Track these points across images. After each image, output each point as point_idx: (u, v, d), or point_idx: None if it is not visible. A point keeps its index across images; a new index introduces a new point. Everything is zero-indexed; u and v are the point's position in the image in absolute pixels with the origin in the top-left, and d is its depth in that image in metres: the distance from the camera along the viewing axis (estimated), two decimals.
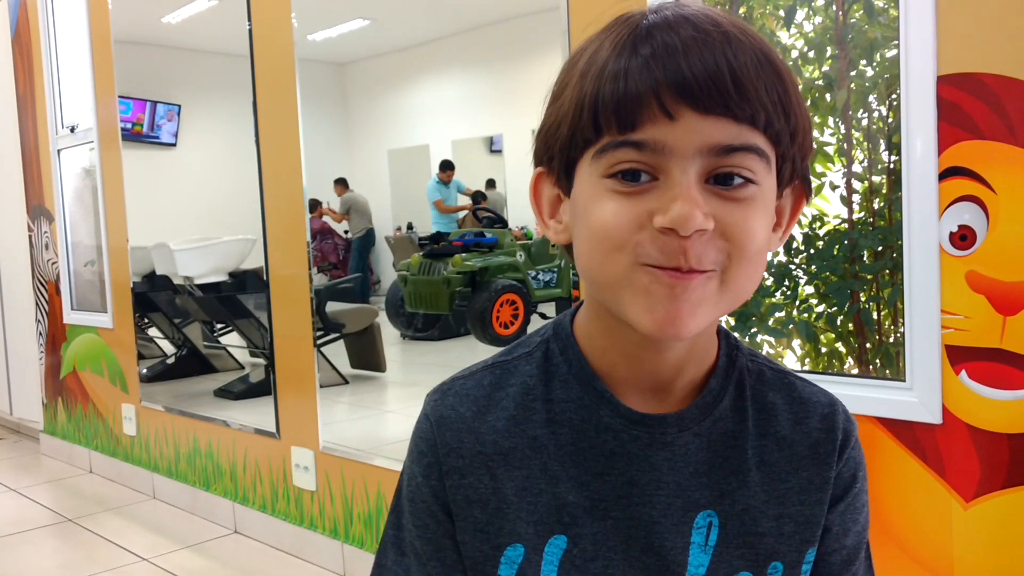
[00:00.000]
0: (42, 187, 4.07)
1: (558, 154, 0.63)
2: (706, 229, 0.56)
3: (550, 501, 0.65)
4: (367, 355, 3.86)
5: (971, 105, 1.33)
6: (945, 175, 1.37)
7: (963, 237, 1.36)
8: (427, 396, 0.71)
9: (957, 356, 1.39)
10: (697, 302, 0.58)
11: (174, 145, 4.30)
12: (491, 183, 4.93)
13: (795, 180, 0.64)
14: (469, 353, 3.89)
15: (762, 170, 0.59)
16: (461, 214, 4.78)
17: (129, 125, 3.62)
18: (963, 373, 1.38)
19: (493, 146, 5.37)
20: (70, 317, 3.98)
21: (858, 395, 1.50)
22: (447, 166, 4.76)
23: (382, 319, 4.01)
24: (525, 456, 0.66)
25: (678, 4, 0.60)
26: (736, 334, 0.76)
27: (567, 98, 0.61)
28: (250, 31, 2.77)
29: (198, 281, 3.91)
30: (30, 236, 4.25)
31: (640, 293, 0.58)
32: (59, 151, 3.94)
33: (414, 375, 4.26)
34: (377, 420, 3.61)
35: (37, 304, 4.26)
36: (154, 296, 3.89)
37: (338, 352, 3.67)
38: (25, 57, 4.07)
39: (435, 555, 0.68)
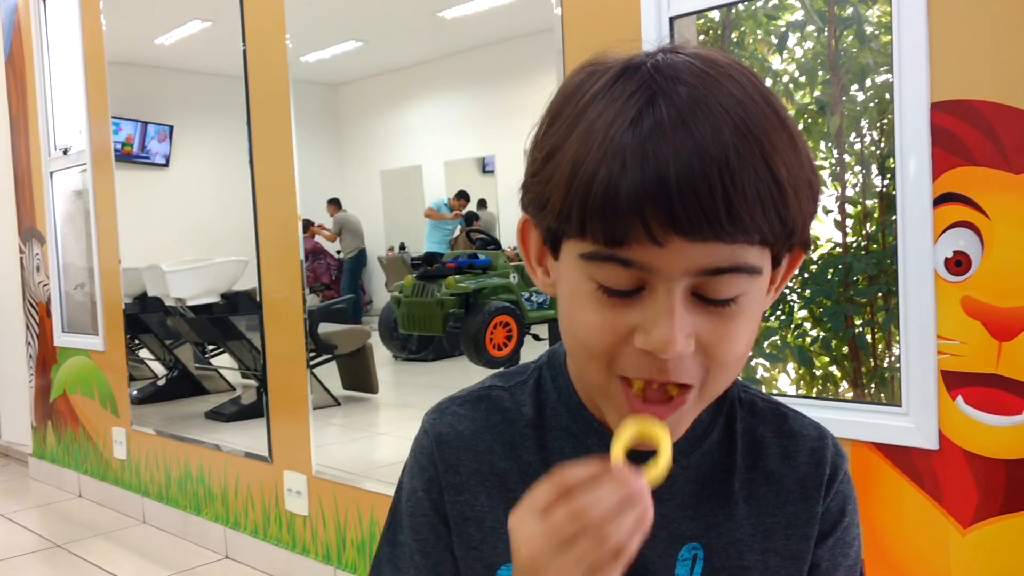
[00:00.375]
0: (34, 209, 4.06)
1: (544, 228, 0.60)
2: (687, 352, 0.55)
3: None
4: (359, 376, 3.85)
5: (965, 132, 1.34)
6: (939, 201, 1.38)
7: (958, 263, 1.36)
8: (425, 415, 0.71)
9: (953, 381, 1.39)
10: (675, 421, 0.58)
11: (166, 166, 4.29)
12: (482, 203, 4.94)
13: (795, 248, 0.61)
14: (462, 374, 3.87)
15: (753, 281, 0.57)
16: (455, 233, 4.78)
17: (119, 145, 3.61)
18: (959, 399, 1.38)
19: (486, 167, 5.39)
20: (61, 340, 3.95)
21: (854, 420, 1.50)
22: (462, 195, 4.78)
23: (375, 340, 4.00)
24: (518, 481, 0.67)
25: (676, 51, 0.57)
26: None
27: (556, 179, 0.57)
28: (244, 52, 2.78)
29: (190, 303, 3.89)
30: (21, 258, 4.23)
31: (618, 407, 0.59)
32: (51, 173, 3.93)
33: (407, 396, 4.25)
34: (369, 442, 3.59)
35: (28, 326, 4.23)
36: (145, 318, 3.87)
37: (330, 373, 3.66)
38: (19, 79, 4.07)
39: (433, 569, 0.69)
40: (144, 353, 4.04)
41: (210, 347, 4.16)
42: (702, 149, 0.52)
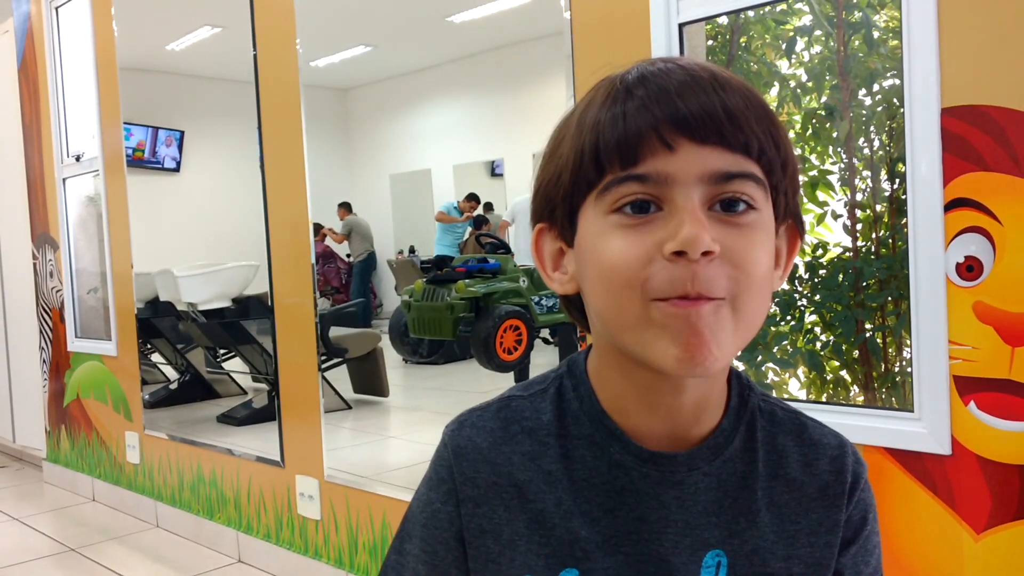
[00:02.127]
0: (47, 215, 4.09)
1: (561, 203, 0.65)
2: (713, 251, 0.58)
3: (563, 535, 0.66)
4: (370, 380, 3.86)
5: (976, 137, 1.34)
6: (951, 206, 1.38)
7: (970, 268, 1.36)
8: (446, 427, 0.72)
9: (966, 387, 1.38)
10: (716, 330, 0.59)
11: (177, 170, 4.32)
12: (488, 206, 4.95)
13: (788, 219, 0.66)
14: (472, 377, 3.88)
15: (761, 197, 0.61)
16: (464, 236, 4.80)
17: (130, 151, 3.64)
18: (972, 404, 1.38)
19: (495, 170, 5.40)
20: (74, 345, 3.98)
21: (867, 426, 1.50)
22: (472, 198, 4.80)
23: (385, 344, 4.01)
24: (539, 490, 0.67)
25: (665, 58, 0.64)
26: (742, 365, 0.77)
27: (565, 149, 0.63)
28: (255, 57, 2.79)
29: (201, 307, 3.91)
30: (34, 264, 4.26)
31: (659, 331, 0.59)
32: (64, 180, 3.95)
33: (417, 400, 4.26)
34: (380, 446, 3.60)
35: (41, 332, 4.26)
36: (157, 322, 3.90)
37: (341, 377, 3.67)
38: (31, 87, 4.10)
39: None
40: (156, 357, 4.06)
41: (221, 351, 4.19)
42: (694, 75, 0.60)
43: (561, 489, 0.67)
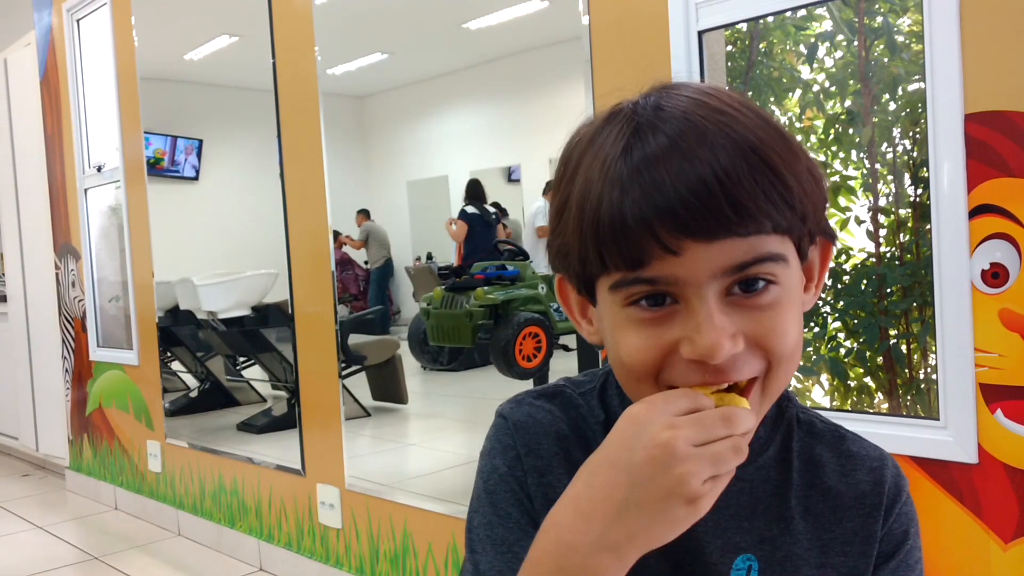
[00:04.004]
0: (69, 226, 4.12)
1: (574, 276, 0.63)
2: (737, 352, 0.56)
3: None
4: (389, 387, 3.86)
5: (1000, 143, 1.33)
6: (975, 212, 1.36)
7: (995, 275, 1.35)
8: (500, 406, 0.72)
9: (992, 395, 1.37)
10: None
11: (196, 179, 4.35)
12: (504, 212, 4.94)
13: (816, 239, 0.63)
14: (491, 385, 3.88)
15: (782, 269, 0.58)
16: None
17: (149, 155, 3.67)
18: (999, 412, 1.36)
19: (511, 176, 5.40)
20: (96, 354, 4.01)
21: (892, 434, 1.48)
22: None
23: (404, 351, 4.01)
24: None
25: (667, 93, 0.60)
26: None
27: (569, 224, 0.60)
28: (274, 65, 2.81)
29: (221, 315, 3.93)
30: (57, 274, 4.30)
31: None
32: (86, 190, 3.99)
33: (436, 407, 4.26)
34: (400, 453, 3.61)
35: (64, 341, 4.30)
36: (177, 330, 3.92)
37: (360, 384, 3.67)
38: (53, 98, 4.14)
39: (516, 544, 0.66)
40: (176, 365, 4.09)
41: (241, 359, 4.20)
42: (691, 156, 0.55)
43: None
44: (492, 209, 4.12)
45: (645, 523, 0.52)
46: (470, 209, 3.80)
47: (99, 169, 3.86)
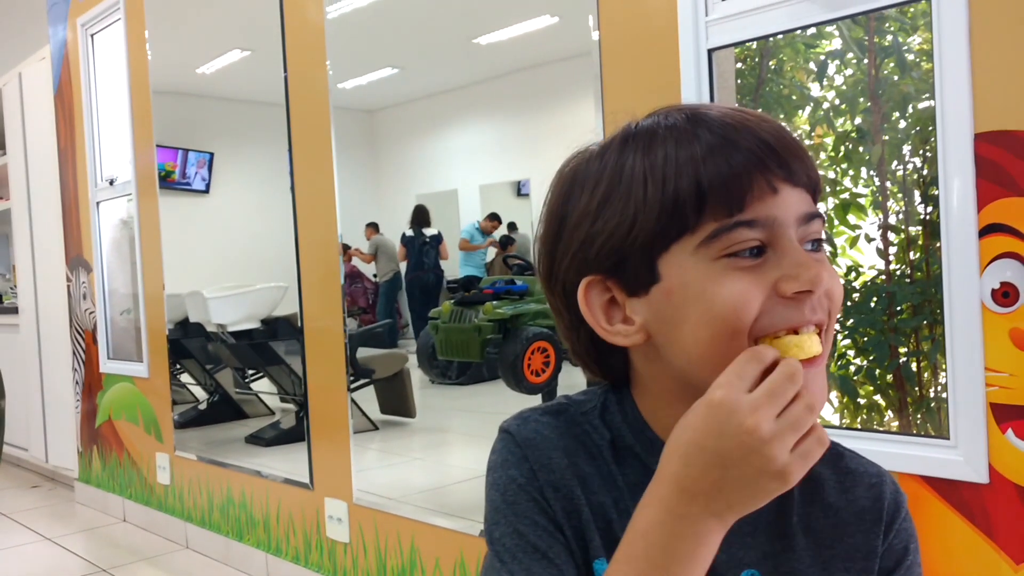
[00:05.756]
0: (81, 238, 4.15)
1: (636, 253, 0.64)
2: (827, 287, 0.62)
3: (620, 531, 0.67)
4: (397, 401, 3.86)
5: (1010, 163, 1.33)
6: (985, 232, 1.36)
7: (1005, 294, 1.35)
8: (504, 423, 0.72)
9: (1002, 414, 1.36)
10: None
11: (206, 192, 4.37)
12: (512, 226, 4.95)
13: None
14: (500, 398, 3.87)
15: (824, 232, 0.66)
16: (489, 257, 4.80)
17: (161, 173, 3.69)
18: (1009, 431, 1.36)
19: (521, 190, 5.41)
20: (106, 366, 4.02)
21: (902, 453, 1.48)
22: (494, 217, 4.82)
23: (411, 364, 4.01)
24: (600, 486, 0.69)
25: (696, 104, 0.67)
26: None
27: (637, 197, 0.63)
28: (286, 79, 2.83)
29: (231, 328, 3.94)
30: (68, 286, 4.32)
31: None
32: (98, 203, 4.01)
33: (444, 421, 4.25)
34: (408, 468, 3.60)
35: (74, 353, 4.32)
36: (187, 343, 3.93)
37: (368, 397, 3.67)
38: (67, 112, 4.17)
39: (549, 551, 0.66)
40: (185, 378, 4.10)
41: (250, 372, 4.21)
42: (749, 114, 0.63)
43: (617, 489, 0.69)
44: (429, 232, 4.38)
45: (741, 496, 0.57)
46: (408, 232, 4.28)
47: (111, 182, 3.88)
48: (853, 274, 1.89)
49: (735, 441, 0.55)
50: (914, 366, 1.82)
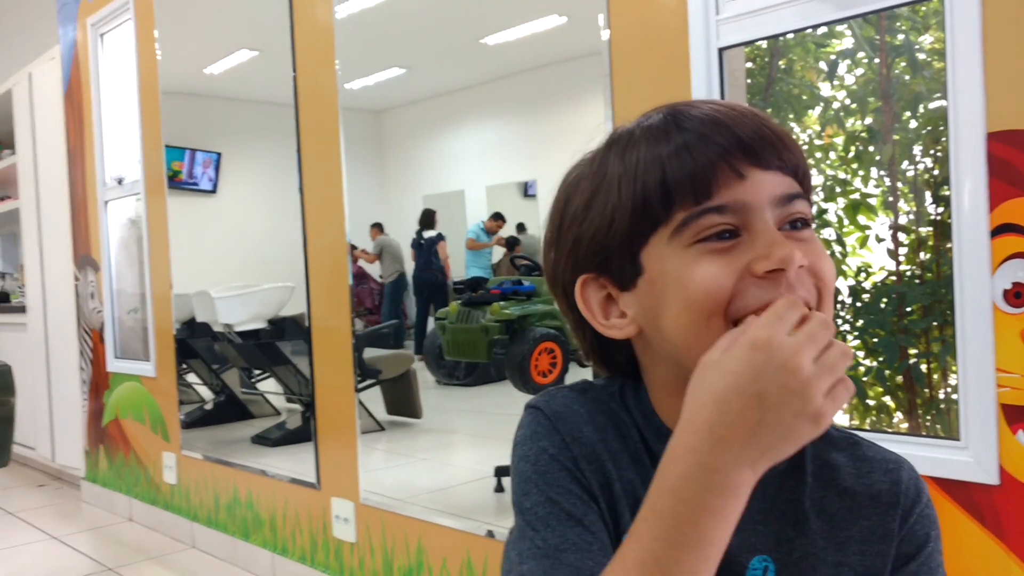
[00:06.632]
0: (89, 237, 4.16)
1: (618, 249, 0.66)
2: (805, 264, 0.61)
3: None
4: (403, 401, 3.86)
5: (1023, 162, 1.32)
6: (997, 232, 1.35)
7: (1017, 294, 1.34)
8: (532, 400, 0.73)
9: (1014, 415, 1.36)
10: None
11: (213, 192, 4.37)
12: (521, 227, 4.95)
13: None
14: (507, 399, 3.87)
15: (810, 214, 0.66)
16: (496, 259, 4.80)
17: (168, 172, 3.70)
18: (1020, 432, 1.35)
19: (528, 191, 5.40)
20: (113, 365, 4.03)
21: (911, 454, 1.45)
22: (498, 217, 4.82)
23: (418, 365, 4.01)
24: (628, 464, 0.69)
25: (680, 102, 0.68)
26: None
27: (612, 196, 0.65)
28: (294, 79, 2.83)
29: (238, 328, 3.95)
30: (76, 285, 4.33)
31: None
32: (106, 202, 4.02)
33: (450, 421, 4.25)
34: (415, 468, 3.60)
35: (81, 352, 4.32)
36: (194, 343, 3.93)
37: (374, 398, 3.67)
38: (76, 112, 4.19)
39: (585, 518, 0.65)
40: (192, 377, 4.10)
41: (256, 372, 4.21)
42: (729, 107, 0.65)
43: (645, 468, 0.69)
44: (430, 234, 4.49)
45: (774, 441, 0.56)
46: (414, 235, 4.42)
47: (120, 181, 3.89)
48: (863, 275, 1.88)
49: (776, 381, 0.55)
50: (924, 367, 1.81)
